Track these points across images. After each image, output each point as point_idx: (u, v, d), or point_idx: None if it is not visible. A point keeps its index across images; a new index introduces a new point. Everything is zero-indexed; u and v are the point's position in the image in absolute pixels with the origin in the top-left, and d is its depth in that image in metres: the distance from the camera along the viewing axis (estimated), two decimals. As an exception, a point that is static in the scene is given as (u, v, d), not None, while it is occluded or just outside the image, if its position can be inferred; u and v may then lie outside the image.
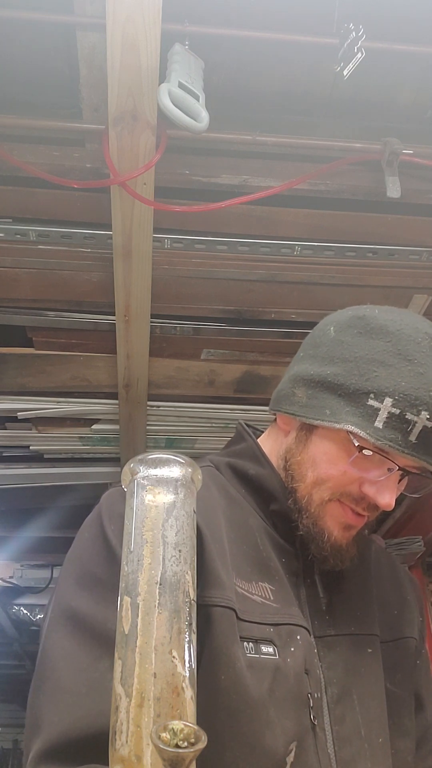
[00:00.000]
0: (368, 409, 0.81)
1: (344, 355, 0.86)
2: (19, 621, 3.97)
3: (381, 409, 0.81)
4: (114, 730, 0.50)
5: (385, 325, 0.86)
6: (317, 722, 0.78)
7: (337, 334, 0.90)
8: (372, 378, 0.82)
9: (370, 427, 0.80)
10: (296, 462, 0.89)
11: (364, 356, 0.84)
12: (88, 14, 1.05)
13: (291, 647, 0.80)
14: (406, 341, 0.84)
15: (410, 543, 2.67)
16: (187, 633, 0.53)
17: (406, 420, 0.80)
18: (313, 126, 1.30)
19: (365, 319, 0.88)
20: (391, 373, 0.82)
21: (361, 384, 0.82)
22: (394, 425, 0.80)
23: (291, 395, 0.91)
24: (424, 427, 0.80)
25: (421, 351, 0.83)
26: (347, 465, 0.83)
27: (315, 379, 0.88)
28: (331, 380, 0.86)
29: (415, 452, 0.80)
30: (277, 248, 1.49)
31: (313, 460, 0.87)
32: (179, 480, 0.62)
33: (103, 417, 2.09)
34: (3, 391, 1.94)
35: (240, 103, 1.27)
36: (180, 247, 1.48)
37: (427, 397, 0.81)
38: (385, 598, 0.97)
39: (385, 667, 0.89)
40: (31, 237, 1.44)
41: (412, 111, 1.31)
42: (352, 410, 0.82)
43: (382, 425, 0.80)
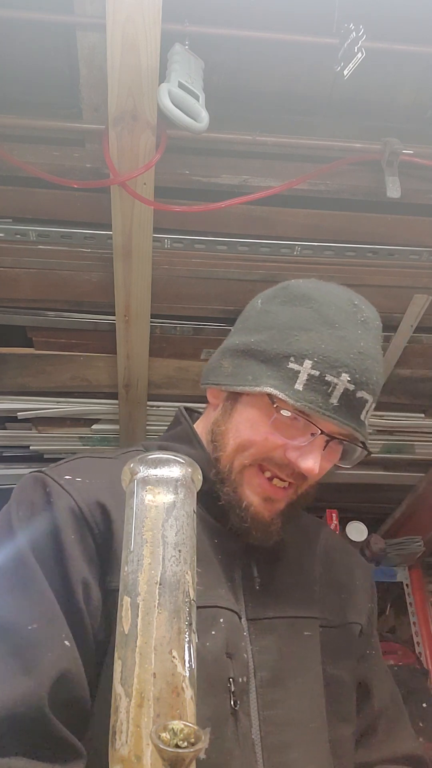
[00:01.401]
0: (288, 372, 0.81)
1: (268, 323, 0.86)
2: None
3: (301, 372, 0.80)
4: (114, 730, 0.50)
5: (307, 292, 0.86)
6: (240, 707, 0.75)
7: (263, 305, 0.90)
8: (293, 342, 0.82)
9: (289, 389, 0.80)
10: (221, 432, 0.88)
11: (286, 323, 0.84)
12: (88, 14, 1.05)
13: (212, 630, 0.77)
14: (329, 307, 0.84)
15: (410, 543, 2.67)
16: (187, 633, 0.53)
17: (326, 382, 0.80)
18: (313, 126, 1.30)
19: (288, 288, 0.89)
20: (311, 337, 0.82)
21: (283, 348, 0.82)
22: (314, 387, 0.80)
23: (218, 367, 0.91)
24: (345, 390, 0.80)
25: (343, 316, 0.84)
26: (269, 430, 0.82)
27: (240, 349, 0.88)
28: (255, 347, 0.85)
29: (337, 415, 0.80)
30: (277, 248, 1.49)
31: (237, 428, 0.85)
32: (179, 480, 0.62)
33: (103, 417, 2.09)
34: (3, 391, 1.94)
35: (240, 103, 1.27)
36: (180, 247, 1.48)
37: (348, 359, 0.80)
38: (333, 583, 0.95)
39: (328, 652, 0.87)
40: (31, 237, 1.44)
41: (412, 111, 1.31)
42: (273, 374, 0.82)
43: (302, 387, 0.80)
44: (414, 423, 2.18)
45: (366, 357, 0.82)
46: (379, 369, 0.85)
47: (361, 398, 0.82)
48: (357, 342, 0.82)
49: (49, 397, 1.99)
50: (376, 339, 0.87)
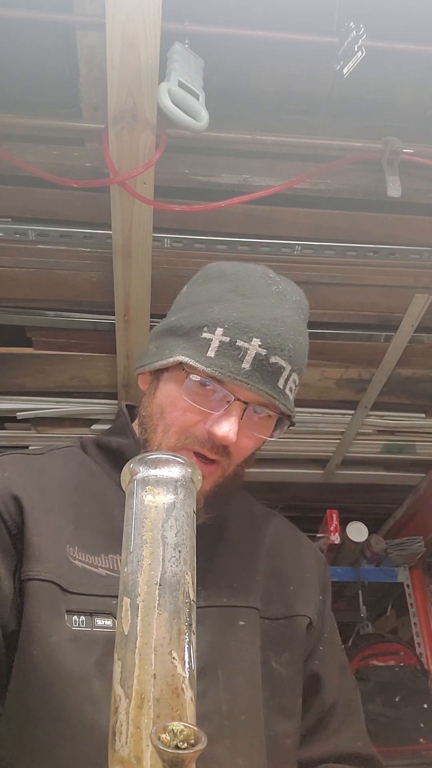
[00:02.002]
0: (201, 341, 0.82)
1: (187, 301, 0.90)
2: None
3: (213, 339, 0.81)
4: (113, 731, 0.50)
5: (223, 269, 0.90)
6: None
7: (186, 288, 0.94)
8: (206, 313, 0.84)
9: (201, 356, 0.81)
10: (147, 415, 0.89)
11: (202, 298, 0.87)
12: (88, 13, 1.05)
13: None
14: (242, 280, 0.86)
15: (411, 543, 2.67)
16: (187, 634, 0.53)
17: (237, 347, 0.80)
18: (314, 125, 1.30)
19: (207, 268, 0.92)
20: (224, 307, 0.83)
21: (197, 321, 0.84)
22: (225, 352, 0.80)
23: (145, 351, 0.92)
24: (257, 354, 0.80)
25: (256, 288, 0.85)
26: (187, 405, 0.83)
27: (163, 329, 0.90)
28: (173, 325, 0.87)
29: (249, 379, 0.80)
30: (277, 248, 1.49)
31: (160, 407, 0.86)
32: (179, 480, 0.62)
33: (103, 417, 2.09)
34: (2, 391, 1.94)
35: (240, 103, 1.27)
36: (180, 247, 1.48)
37: (259, 325, 0.81)
38: (279, 575, 0.93)
39: (272, 645, 0.85)
40: (30, 236, 1.44)
41: (412, 110, 1.30)
42: (187, 344, 0.83)
43: (214, 354, 0.81)
44: (415, 423, 2.18)
45: (279, 324, 0.83)
46: (297, 338, 0.85)
47: (276, 364, 0.82)
48: (270, 310, 0.84)
49: (49, 397, 1.98)
50: (294, 311, 0.87)
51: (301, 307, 0.90)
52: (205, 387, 0.82)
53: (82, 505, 0.85)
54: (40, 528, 0.79)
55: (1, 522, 0.78)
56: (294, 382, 0.85)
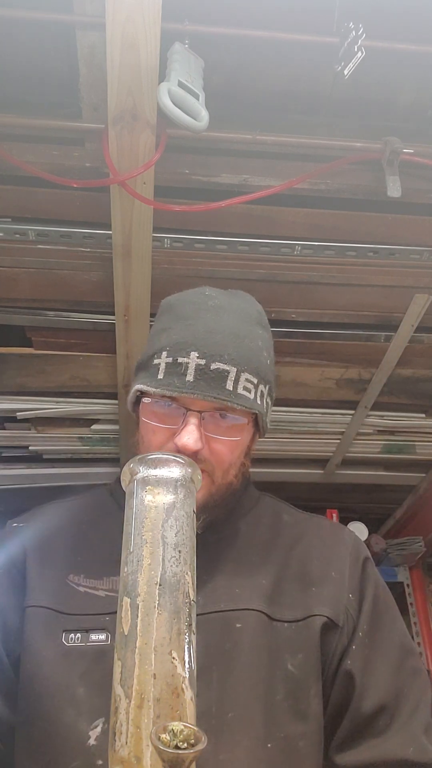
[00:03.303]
0: (153, 368, 0.92)
1: (148, 339, 1.01)
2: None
3: (160, 363, 0.91)
4: (113, 731, 0.50)
5: (170, 301, 1.00)
6: None
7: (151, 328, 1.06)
8: (155, 343, 0.94)
9: (153, 380, 0.91)
10: (135, 444, 0.98)
11: (154, 332, 0.98)
12: (88, 13, 1.05)
13: None
14: (183, 307, 0.96)
15: (411, 543, 2.67)
16: (187, 634, 0.53)
17: (179, 364, 0.89)
18: (314, 125, 1.30)
19: (161, 304, 1.03)
20: (169, 334, 0.93)
21: (149, 351, 0.94)
22: (171, 371, 0.89)
23: (128, 391, 1.02)
24: (197, 365, 0.88)
25: (194, 309, 0.94)
26: (156, 427, 0.91)
27: (134, 368, 1.01)
28: (138, 362, 0.99)
29: (195, 389, 0.88)
30: (278, 248, 1.49)
31: (141, 435, 0.96)
32: (179, 480, 0.61)
33: (103, 417, 2.09)
34: (2, 391, 1.94)
35: (240, 103, 1.27)
36: (180, 247, 1.48)
37: (195, 340, 0.90)
38: (304, 577, 0.94)
39: (287, 647, 0.87)
40: (30, 236, 1.44)
41: (412, 110, 1.30)
42: (143, 374, 0.94)
43: (163, 375, 0.90)
44: (415, 423, 2.17)
45: (215, 334, 0.91)
46: (240, 342, 0.92)
47: (218, 369, 0.89)
48: (204, 324, 0.92)
49: (49, 397, 1.98)
50: (235, 319, 0.94)
51: (247, 313, 0.97)
52: (166, 408, 0.91)
53: (90, 539, 0.97)
54: (41, 566, 0.93)
55: (12, 565, 0.94)
56: (249, 381, 0.91)
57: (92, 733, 0.79)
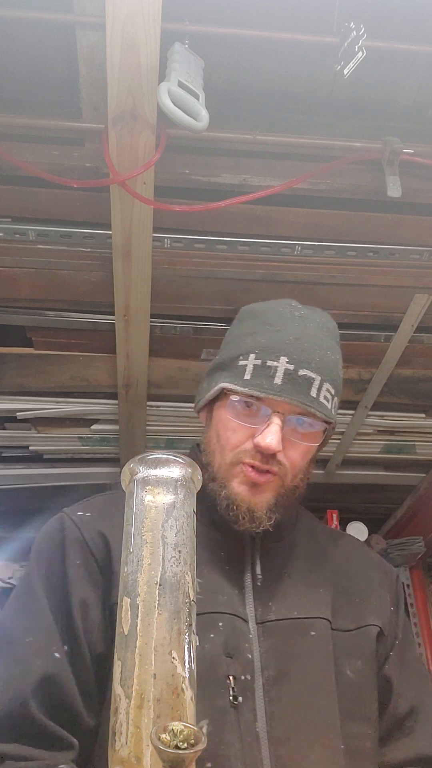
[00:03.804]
0: (239, 368, 0.95)
1: (227, 342, 1.04)
2: (18, 621, 3.97)
3: (248, 364, 0.94)
4: (113, 731, 0.50)
5: (254, 308, 1.04)
6: (243, 702, 0.83)
7: (229, 330, 1.07)
8: (241, 345, 0.97)
9: (239, 380, 0.93)
10: (207, 441, 1.01)
11: (237, 335, 1.01)
12: (88, 13, 1.05)
13: (210, 634, 0.86)
14: (269, 314, 1.00)
15: (411, 543, 2.67)
16: (187, 634, 0.53)
17: (268, 366, 0.92)
18: (314, 125, 1.30)
19: (241, 311, 1.06)
20: (255, 338, 0.96)
21: (234, 353, 0.97)
22: (259, 373, 0.93)
23: (199, 390, 1.05)
24: (286, 370, 0.92)
25: (281, 317, 0.98)
26: (236, 425, 0.94)
27: (210, 368, 1.04)
28: (217, 362, 1.01)
29: (283, 393, 0.91)
30: (278, 248, 1.49)
31: (216, 433, 0.98)
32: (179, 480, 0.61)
33: (103, 417, 2.09)
34: (2, 391, 1.94)
35: (240, 103, 1.27)
36: (180, 247, 1.48)
37: (284, 345, 0.93)
38: (349, 590, 1.01)
39: (345, 654, 0.93)
40: (30, 236, 1.44)
41: (412, 110, 1.30)
42: (228, 374, 0.96)
43: (250, 376, 0.93)
44: (415, 423, 2.17)
45: (303, 341, 0.95)
46: (323, 353, 0.96)
47: (305, 376, 0.92)
48: (293, 332, 0.95)
49: (49, 397, 1.98)
50: (319, 330, 0.99)
51: (327, 327, 1.02)
52: (249, 407, 0.93)
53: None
54: (118, 561, 0.91)
55: (91, 557, 0.90)
56: (328, 391, 0.95)
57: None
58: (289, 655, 0.88)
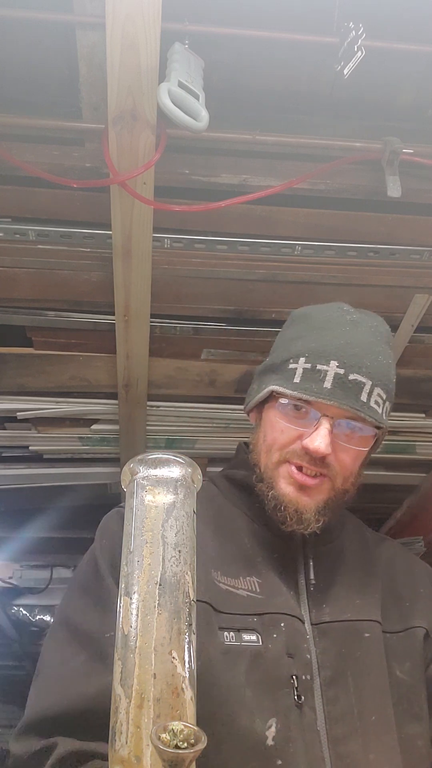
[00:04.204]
0: (288, 371, 0.96)
1: (278, 344, 1.05)
2: (18, 622, 3.97)
3: (297, 368, 0.95)
4: (114, 731, 0.50)
5: (305, 312, 1.04)
6: (305, 702, 0.85)
7: (279, 333, 1.08)
8: (291, 348, 0.98)
9: (289, 383, 0.94)
10: (255, 442, 1.02)
11: (287, 338, 1.01)
12: (88, 13, 1.05)
13: (274, 634, 0.88)
14: (320, 318, 1.00)
15: (412, 543, 2.67)
16: (186, 634, 0.53)
17: (318, 370, 0.93)
18: (314, 125, 1.30)
19: (293, 314, 1.07)
20: (305, 341, 0.97)
21: (284, 356, 0.98)
22: (309, 377, 0.93)
23: (250, 390, 1.07)
24: (336, 374, 0.92)
25: (330, 320, 0.99)
26: (285, 426, 0.95)
27: (260, 370, 1.06)
28: (267, 364, 1.03)
29: (333, 396, 0.92)
30: (278, 248, 1.49)
31: (264, 433, 0.99)
32: (179, 480, 0.61)
33: (103, 417, 2.09)
34: (2, 391, 1.94)
35: (240, 103, 1.27)
36: (180, 247, 1.48)
37: (335, 349, 0.94)
38: (395, 593, 1.03)
39: (395, 655, 0.95)
40: (30, 236, 1.44)
41: (412, 110, 1.30)
42: (277, 376, 0.97)
43: (299, 379, 0.94)
44: (415, 423, 2.17)
45: (353, 346, 0.95)
46: (375, 357, 0.96)
47: (355, 380, 0.93)
48: (344, 336, 0.96)
49: (49, 397, 1.98)
50: (370, 335, 0.99)
51: (379, 331, 1.02)
52: (299, 410, 0.94)
53: (218, 534, 0.99)
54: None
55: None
56: (380, 396, 0.95)
57: (268, 734, 0.81)
58: (344, 656, 0.90)
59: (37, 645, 4.49)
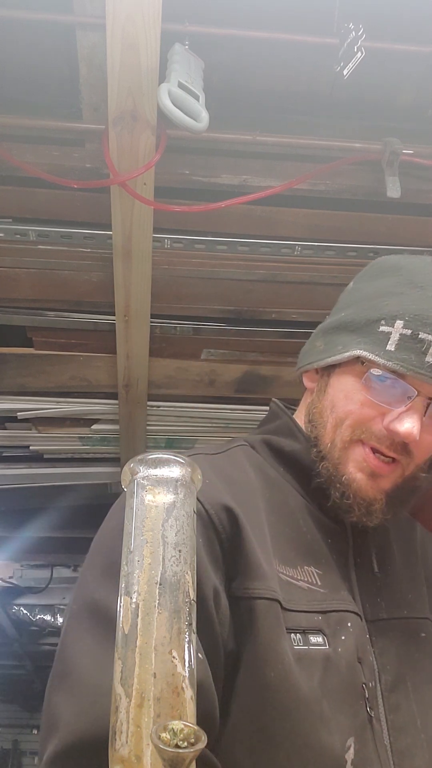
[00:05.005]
0: (380, 335, 0.79)
1: (357, 297, 0.86)
2: (19, 621, 3.98)
3: (392, 333, 0.78)
4: (114, 731, 0.50)
5: (396, 262, 0.85)
6: (374, 713, 0.73)
7: (353, 284, 0.90)
8: (382, 307, 0.80)
9: (381, 350, 0.78)
10: (317, 411, 0.85)
11: (374, 292, 0.83)
12: (88, 14, 1.05)
13: (342, 635, 0.75)
14: (417, 272, 0.82)
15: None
16: (187, 633, 0.53)
17: (420, 340, 0.77)
18: (313, 126, 1.30)
19: (375, 263, 0.88)
20: (401, 300, 0.79)
21: (372, 314, 0.80)
22: (407, 346, 0.77)
23: (311, 348, 0.90)
24: None
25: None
26: (364, 399, 0.79)
27: (331, 326, 0.87)
28: (344, 320, 0.84)
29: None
30: (278, 248, 1.49)
31: (333, 402, 0.83)
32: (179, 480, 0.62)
33: (103, 417, 2.09)
34: (3, 391, 1.94)
35: (240, 103, 1.27)
36: (180, 247, 1.48)
37: None
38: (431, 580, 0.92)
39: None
40: (30, 237, 1.44)
41: (412, 110, 1.31)
42: (363, 339, 0.80)
43: (395, 347, 0.77)
44: (414, 423, 2.17)
45: None
46: None
47: None
48: None
49: (49, 397, 1.98)
50: None
51: None
52: (383, 382, 0.79)
53: (270, 513, 0.81)
54: (254, 541, 0.75)
55: (215, 535, 0.73)
56: None
57: (347, 757, 0.69)
58: (403, 658, 0.79)
59: (38, 644, 4.49)
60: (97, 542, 0.79)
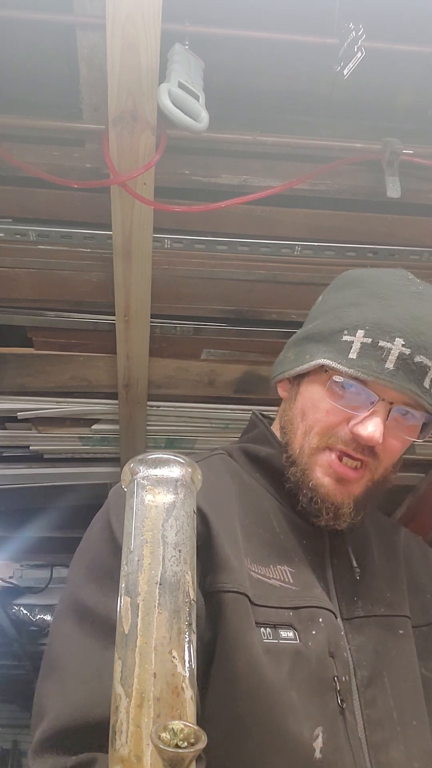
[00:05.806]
0: (343, 344, 0.83)
1: (324, 309, 0.91)
2: (18, 621, 3.98)
3: (354, 341, 0.82)
4: (114, 730, 0.50)
5: (360, 275, 0.90)
6: (346, 706, 0.76)
7: (322, 297, 0.95)
8: (345, 317, 0.84)
9: (343, 358, 0.82)
10: (288, 419, 0.90)
11: (339, 304, 0.88)
12: (88, 14, 1.05)
13: (312, 630, 0.78)
14: (378, 284, 0.86)
15: (410, 543, 2.67)
16: (187, 633, 0.53)
17: (380, 347, 0.81)
18: (314, 126, 1.30)
19: (342, 276, 0.93)
20: (363, 310, 0.83)
21: (336, 325, 0.85)
22: (368, 353, 0.81)
23: (284, 359, 0.94)
24: (401, 354, 0.80)
25: (393, 290, 0.85)
26: (330, 406, 0.83)
27: (301, 337, 0.92)
28: (312, 331, 0.89)
29: (394, 379, 0.80)
30: (278, 248, 1.49)
31: (302, 411, 0.87)
32: (179, 480, 0.62)
33: (103, 417, 2.09)
34: (3, 391, 1.94)
35: (240, 103, 1.27)
36: (180, 247, 1.48)
37: (401, 324, 0.81)
38: (417, 583, 0.95)
39: (421, 652, 0.87)
40: (30, 237, 1.44)
41: (412, 111, 1.31)
42: (328, 348, 0.84)
43: (356, 355, 0.81)
44: (414, 423, 2.17)
45: (420, 323, 0.82)
46: None
47: (420, 363, 0.81)
48: (409, 310, 0.83)
49: (49, 397, 1.98)
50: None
51: None
52: (348, 389, 0.83)
53: (244, 516, 0.85)
54: (223, 539, 0.79)
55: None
56: None
57: (315, 745, 0.72)
58: (380, 654, 0.82)
59: (38, 644, 4.49)
60: (81, 546, 0.84)
